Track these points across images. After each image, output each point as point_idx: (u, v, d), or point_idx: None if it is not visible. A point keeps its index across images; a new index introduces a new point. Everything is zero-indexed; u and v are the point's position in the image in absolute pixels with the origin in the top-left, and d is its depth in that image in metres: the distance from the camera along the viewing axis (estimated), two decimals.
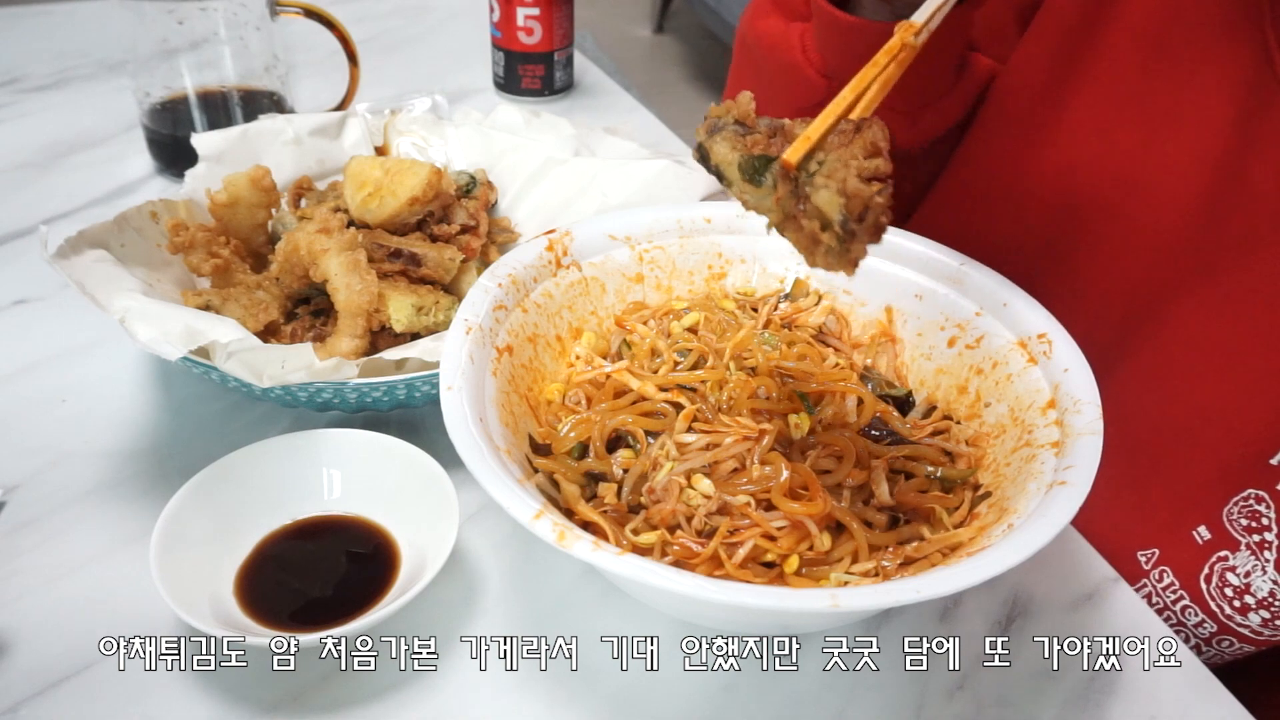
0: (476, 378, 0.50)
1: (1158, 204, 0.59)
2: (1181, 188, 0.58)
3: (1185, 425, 0.58)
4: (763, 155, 0.46)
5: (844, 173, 0.43)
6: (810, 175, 0.44)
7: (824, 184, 0.43)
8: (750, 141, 0.46)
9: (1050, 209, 0.65)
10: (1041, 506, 0.43)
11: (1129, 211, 0.60)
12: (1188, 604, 0.58)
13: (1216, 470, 0.57)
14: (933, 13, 0.49)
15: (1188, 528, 0.58)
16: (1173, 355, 0.59)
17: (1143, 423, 0.60)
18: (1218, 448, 0.57)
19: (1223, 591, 0.57)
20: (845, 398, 0.55)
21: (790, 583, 0.47)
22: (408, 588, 0.47)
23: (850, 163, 0.43)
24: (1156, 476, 0.60)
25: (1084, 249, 0.63)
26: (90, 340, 0.68)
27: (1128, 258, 0.61)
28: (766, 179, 0.45)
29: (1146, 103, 0.60)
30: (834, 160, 0.44)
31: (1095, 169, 0.62)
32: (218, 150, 0.72)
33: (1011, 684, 0.50)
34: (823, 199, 0.43)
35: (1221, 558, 0.57)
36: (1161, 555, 0.59)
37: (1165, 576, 0.59)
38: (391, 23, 1.24)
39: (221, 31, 0.83)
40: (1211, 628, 0.58)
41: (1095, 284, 0.62)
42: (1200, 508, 0.57)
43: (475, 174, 0.75)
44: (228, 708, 0.46)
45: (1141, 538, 0.60)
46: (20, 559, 0.53)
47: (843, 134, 0.45)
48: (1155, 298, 0.59)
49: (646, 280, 0.62)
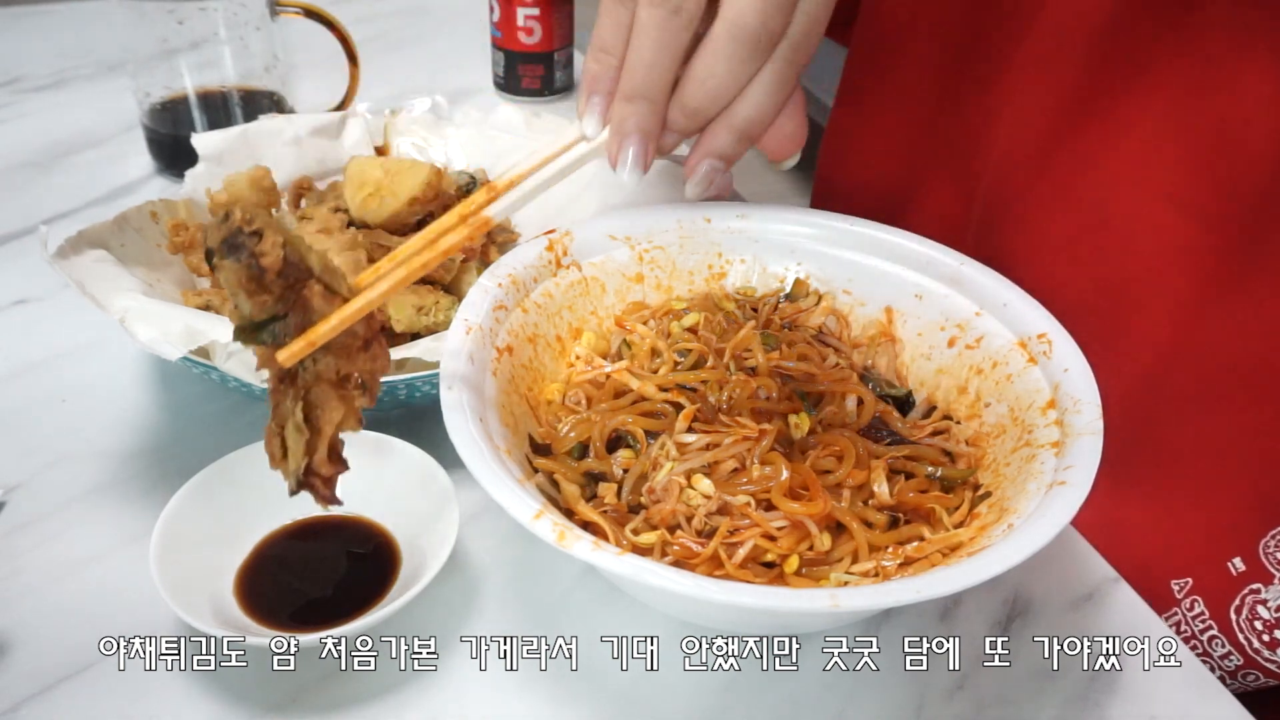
0: (476, 378, 0.50)
1: (1212, 221, 0.55)
2: (1229, 205, 0.55)
3: (1228, 452, 0.57)
4: (266, 322, 0.41)
5: (322, 411, 0.41)
6: (303, 369, 0.42)
7: (296, 423, 0.42)
8: (261, 299, 0.40)
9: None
10: (1041, 506, 0.43)
11: (1185, 228, 0.57)
12: (1215, 634, 0.57)
13: (1256, 500, 0.55)
14: (512, 181, 0.43)
15: (1224, 558, 0.57)
16: (1214, 377, 0.56)
17: (1185, 449, 0.59)
18: (1259, 478, 0.55)
19: (1252, 624, 0.56)
20: (845, 398, 0.55)
21: (790, 583, 0.47)
22: (407, 588, 0.47)
23: (332, 407, 0.42)
24: (1195, 505, 0.58)
25: (1124, 271, 0.60)
26: (90, 340, 0.68)
27: (1175, 272, 0.57)
28: (263, 336, 0.41)
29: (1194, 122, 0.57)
30: (320, 392, 0.42)
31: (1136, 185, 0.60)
32: (218, 150, 0.72)
33: (1011, 684, 0.50)
34: (291, 437, 0.42)
35: (1254, 590, 0.55)
36: (1194, 585, 0.58)
37: (1196, 605, 0.58)
38: (391, 23, 1.24)
39: (221, 31, 0.83)
40: (1238, 660, 0.57)
41: (1139, 298, 0.59)
42: (1237, 538, 0.56)
43: (475, 174, 0.76)
44: (228, 708, 0.46)
45: (1177, 567, 0.59)
46: (20, 559, 0.53)
47: (347, 346, 0.42)
48: (1197, 315, 0.56)
49: (646, 280, 0.62)
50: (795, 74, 0.40)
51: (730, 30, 0.38)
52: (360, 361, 0.43)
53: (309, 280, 0.40)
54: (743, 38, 0.38)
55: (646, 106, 0.40)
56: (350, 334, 0.42)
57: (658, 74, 0.39)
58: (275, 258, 0.39)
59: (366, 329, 0.43)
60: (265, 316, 0.40)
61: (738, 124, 0.40)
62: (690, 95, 0.40)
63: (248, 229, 0.39)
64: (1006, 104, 0.64)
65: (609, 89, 0.41)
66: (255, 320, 0.40)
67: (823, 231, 0.62)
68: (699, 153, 0.41)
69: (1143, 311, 0.59)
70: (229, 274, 0.39)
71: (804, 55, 0.40)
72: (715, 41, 0.38)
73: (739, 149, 0.41)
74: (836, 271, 0.62)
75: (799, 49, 0.39)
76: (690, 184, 0.42)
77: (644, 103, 0.40)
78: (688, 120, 0.40)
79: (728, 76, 0.39)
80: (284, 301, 0.41)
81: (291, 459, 0.42)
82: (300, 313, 0.41)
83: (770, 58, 0.39)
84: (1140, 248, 0.59)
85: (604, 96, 0.41)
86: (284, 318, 0.41)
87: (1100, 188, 0.60)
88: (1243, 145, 0.53)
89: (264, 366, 0.42)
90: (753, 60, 0.39)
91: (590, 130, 0.41)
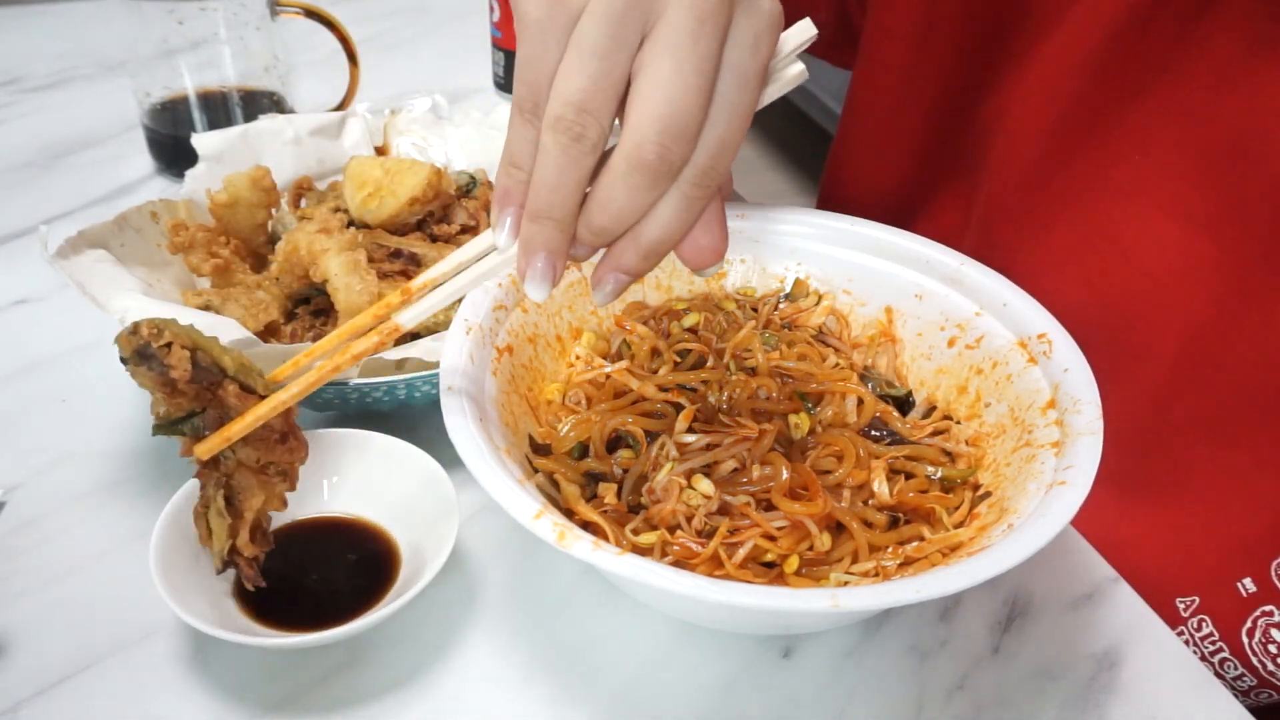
0: (476, 378, 0.50)
1: (1228, 243, 0.55)
2: (1249, 230, 0.54)
3: (1239, 474, 0.56)
4: (186, 417, 0.44)
5: (244, 497, 0.45)
6: (225, 458, 0.45)
7: (218, 508, 0.45)
8: (176, 400, 0.43)
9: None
10: (1041, 506, 0.43)
11: (1197, 249, 0.56)
12: (1227, 657, 0.57)
13: (1270, 523, 0.55)
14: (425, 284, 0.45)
15: (1233, 579, 0.56)
16: (1228, 400, 0.56)
17: (1196, 469, 0.58)
18: (1272, 500, 0.55)
19: (1265, 648, 0.55)
20: (845, 398, 0.55)
21: (790, 583, 0.47)
22: (407, 588, 0.47)
23: (254, 493, 0.45)
24: (1205, 525, 0.58)
25: (1129, 286, 0.60)
26: (90, 340, 0.68)
27: (1186, 295, 0.57)
28: (183, 429, 0.44)
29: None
30: (242, 478, 0.45)
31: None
32: (218, 150, 0.72)
33: (1011, 684, 0.50)
34: (215, 521, 0.46)
35: (1266, 612, 0.55)
36: (1202, 604, 0.58)
37: (1205, 626, 0.57)
38: (391, 23, 1.24)
39: (221, 31, 0.83)
40: (1250, 681, 0.57)
41: (1151, 319, 0.59)
42: (1248, 560, 0.56)
43: (475, 174, 0.75)
44: (228, 708, 0.46)
45: (1183, 585, 0.58)
46: (20, 559, 0.53)
47: (264, 439, 0.45)
48: (1211, 338, 0.56)
49: (646, 280, 0.62)
50: (704, 196, 0.40)
51: (628, 160, 0.38)
52: (278, 453, 0.46)
53: (223, 381, 0.43)
54: (642, 167, 0.38)
55: (552, 226, 0.40)
56: (267, 428, 0.45)
57: (561, 196, 0.39)
58: (183, 369, 0.42)
59: (282, 424, 0.45)
60: (182, 414, 0.44)
61: (643, 244, 0.40)
62: (594, 217, 0.40)
63: (156, 342, 0.41)
64: (1008, 115, 0.63)
65: (520, 203, 0.41)
66: (172, 418, 0.44)
67: (823, 231, 0.62)
68: (605, 266, 0.42)
69: (1151, 329, 0.58)
70: (143, 380, 0.42)
71: (712, 180, 0.39)
72: (614, 170, 0.38)
73: (645, 265, 0.41)
74: (836, 271, 0.62)
75: (706, 174, 0.39)
76: (595, 293, 0.42)
77: (549, 223, 0.40)
78: (594, 237, 0.40)
79: (628, 203, 0.39)
80: (200, 399, 0.43)
81: (215, 540, 0.46)
82: (218, 408, 0.44)
83: (675, 183, 0.39)
84: (1147, 264, 0.58)
85: (515, 210, 0.41)
86: (202, 412, 0.44)
87: (1104, 200, 0.60)
88: (1258, 159, 0.52)
89: (186, 454, 0.45)
90: (653, 188, 0.39)
91: (502, 243, 0.42)
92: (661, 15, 0.37)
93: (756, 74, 0.39)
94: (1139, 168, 0.58)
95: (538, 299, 0.41)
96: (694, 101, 0.37)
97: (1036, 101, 0.61)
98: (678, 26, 0.37)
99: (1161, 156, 0.56)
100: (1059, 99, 0.60)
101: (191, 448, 0.44)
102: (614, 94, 0.38)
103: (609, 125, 0.39)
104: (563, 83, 0.38)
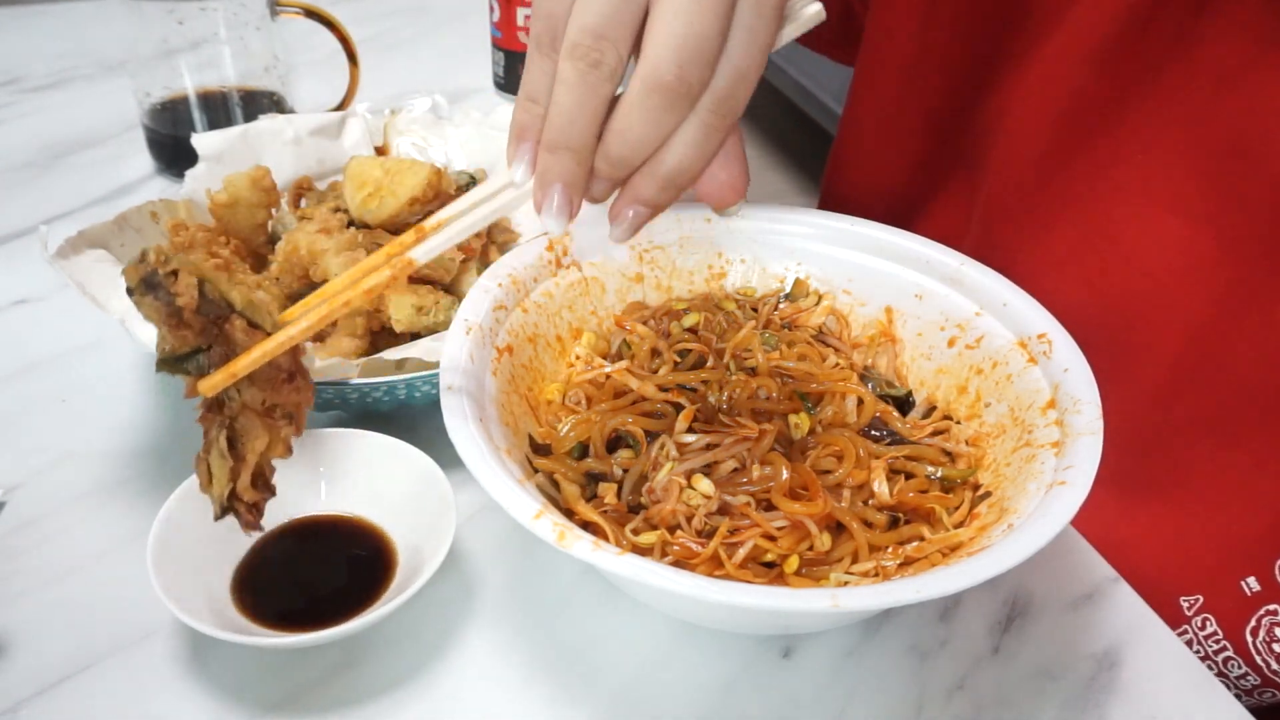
0: (476, 378, 0.50)
1: (1230, 240, 0.55)
2: (1251, 228, 0.54)
3: (1240, 473, 0.56)
4: (191, 354, 0.42)
5: (247, 440, 0.43)
6: (229, 398, 0.43)
7: (220, 450, 0.43)
8: (181, 333, 0.42)
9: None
10: (1041, 506, 0.43)
11: (1198, 247, 0.56)
12: (1231, 656, 0.57)
13: (1273, 522, 0.55)
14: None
15: (1236, 577, 0.56)
16: (1228, 399, 0.56)
17: (1197, 468, 0.58)
18: (1274, 498, 0.55)
19: (1270, 647, 0.55)
20: (845, 398, 0.55)
21: (790, 583, 0.47)
22: (405, 588, 0.47)
23: (258, 435, 0.43)
24: (1207, 523, 0.58)
25: (1144, 279, 0.60)
26: (90, 340, 0.68)
27: (1186, 294, 0.57)
28: (187, 367, 0.43)
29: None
30: (246, 421, 0.44)
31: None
32: (218, 150, 0.72)
33: (1011, 684, 0.50)
34: (216, 464, 0.44)
35: (1270, 611, 0.55)
36: (1205, 603, 0.58)
37: (1209, 625, 0.57)
38: (391, 23, 1.24)
39: (221, 31, 0.83)
40: (1254, 680, 0.57)
41: (1151, 318, 0.59)
42: (1250, 558, 0.56)
43: (475, 174, 0.75)
44: (227, 708, 0.46)
45: (1187, 584, 0.58)
46: (20, 559, 0.53)
47: (271, 379, 0.43)
48: (1212, 338, 0.56)
49: (646, 280, 0.62)
50: (723, 126, 0.39)
51: (646, 83, 0.38)
52: (285, 394, 0.44)
53: (231, 315, 0.42)
54: (659, 91, 0.38)
55: (569, 157, 0.40)
56: (274, 366, 0.43)
57: (579, 126, 0.39)
58: (190, 297, 0.41)
59: (290, 362, 0.44)
60: (187, 350, 0.42)
61: (662, 174, 0.40)
62: (612, 146, 0.39)
63: (163, 270, 0.40)
64: (1009, 115, 0.63)
65: (536, 137, 0.41)
66: (177, 352, 0.42)
67: (823, 231, 0.62)
68: (624, 199, 0.41)
69: (1151, 329, 0.58)
70: (148, 310, 0.41)
71: (730, 109, 0.39)
72: (632, 94, 0.38)
73: (664, 197, 0.41)
74: (836, 271, 0.62)
75: (724, 102, 0.39)
76: (613, 229, 0.42)
77: (566, 153, 0.40)
78: (612, 169, 0.40)
79: (646, 128, 0.39)
80: (206, 335, 0.42)
81: (216, 484, 0.44)
82: (224, 345, 0.42)
83: (694, 109, 0.39)
84: (1147, 264, 0.58)
85: (531, 144, 0.41)
86: (207, 349, 0.42)
87: (1105, 199, 0.59)
88: (1260, 159, 0.52)
89: (191, 395, 0.43)
90: (671, 113, 0.38)
91: (519, 178, 0.42)
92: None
93: (774, 4, 0.39)
94: (1140, 167, 0.58)
95: (555, 232, 0.41)
96: (712, 26, 0.37)
97: (1037, 101, 0.61)
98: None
99: (1162, 155, 0.56)
100: (1059, 99, 0.60)
101: (195, 386, 0.42)
102: (632, 23, 0.38)
103: (626, 54, 0.39)
104: (580, 11, 0.38)
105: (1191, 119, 0.55)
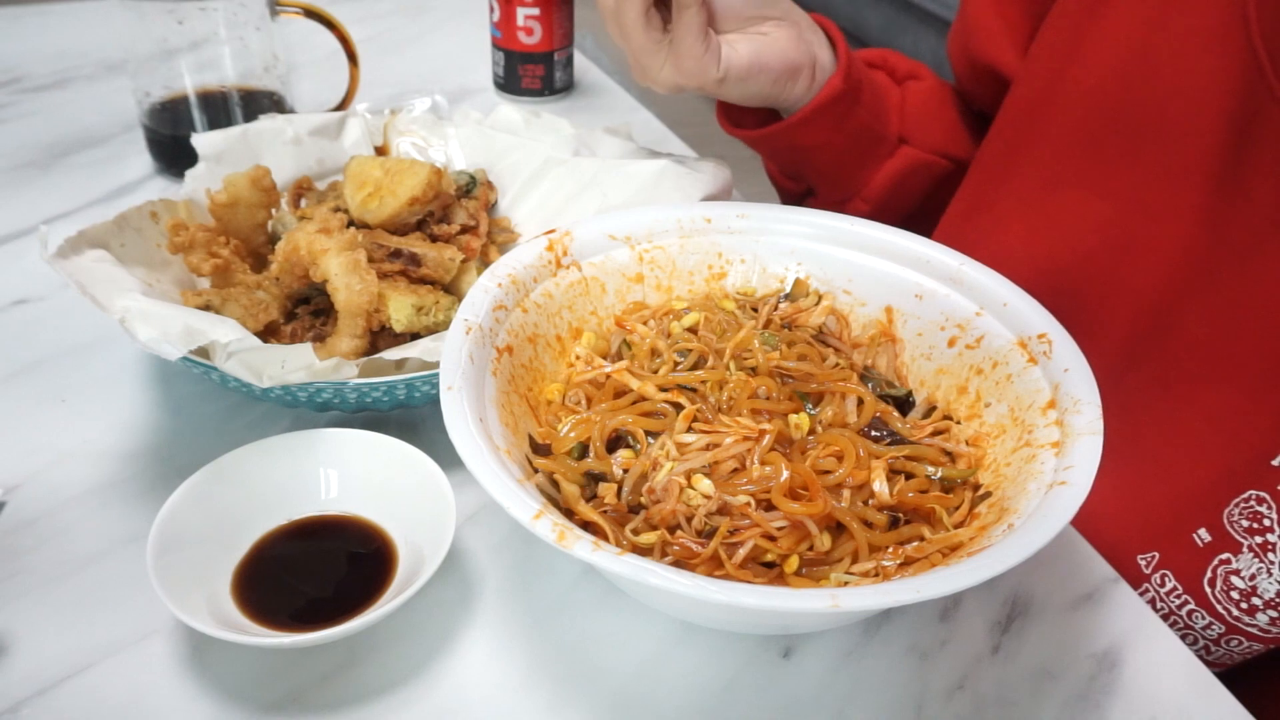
0: (476, 378, 0.50)
1: (1157, 214, 0.59)
2: (1180, 199, 0.58)
3: (1191, 430, 0.58)
4: None
5: None
6: None
7: None
8: None
9: None
10: (1041, 506, 0.43)
11: (1130, 224, 0.61)
12: (1193, 608, 0.58)
13: (1219, 473, 0.57)
14: None
15: (1188, 531, 0.58)
16: (1179, 361, 0.59)
17: (1150, 430, 0.60)
18: (1222, 451, 0.57)
19: (1228, 594, 0.57)
20: (845, 398, 0.55)
21: (790, 583, 0.47)
22: (405, 588, 0.47)
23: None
24: (1160, 482, 0.60)
25: (1088, 262, 0.63)
26: (90, 340, 0.68)
27: (1131, 269, 0.61)
28: None
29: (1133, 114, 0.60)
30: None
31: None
32: (218, 150, 0.72)
33: (1011, 684, 0.50)
34: None
35: (1224, 560, 0.57)
36: (1161, 559, 0.59)
37: (1168, 581, 0.59)
38: (391, 23, 1.24)
39: (221, 31, 0.83)
40: (1220, 629, 0.58)
41: (1101, 295, 0.62)
42: (1201, 510, 0.57)
43: (475, 174, 0.76)
44: (227, 708, 0.46)
45: (1141, 542, 0.60)
46: (20, 559, 0.53)
47: None
48: (1161, 307, 0.60)
49: (646, 280, 0.62)
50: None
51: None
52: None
53: None
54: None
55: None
56: None
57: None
58: None
59: None
60: None
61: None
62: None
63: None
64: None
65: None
66: None
67: (823, 231, 0.62)
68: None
69: (1105, 305, 0.63)
70: None
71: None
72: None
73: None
74: (836, 271, 0.62)
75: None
76: None
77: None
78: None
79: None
80: None
81: None
82: None
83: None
84: (1087, 245, 0.63)
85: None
86: None
87: (1043, 191, 0.66)
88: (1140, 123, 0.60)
89: None
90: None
91: None
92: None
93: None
94: (1063, 155, 0.64)
95: None
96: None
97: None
98: None
99: (1072, 135, 0.64)
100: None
101: None
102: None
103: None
104: None
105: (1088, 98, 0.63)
